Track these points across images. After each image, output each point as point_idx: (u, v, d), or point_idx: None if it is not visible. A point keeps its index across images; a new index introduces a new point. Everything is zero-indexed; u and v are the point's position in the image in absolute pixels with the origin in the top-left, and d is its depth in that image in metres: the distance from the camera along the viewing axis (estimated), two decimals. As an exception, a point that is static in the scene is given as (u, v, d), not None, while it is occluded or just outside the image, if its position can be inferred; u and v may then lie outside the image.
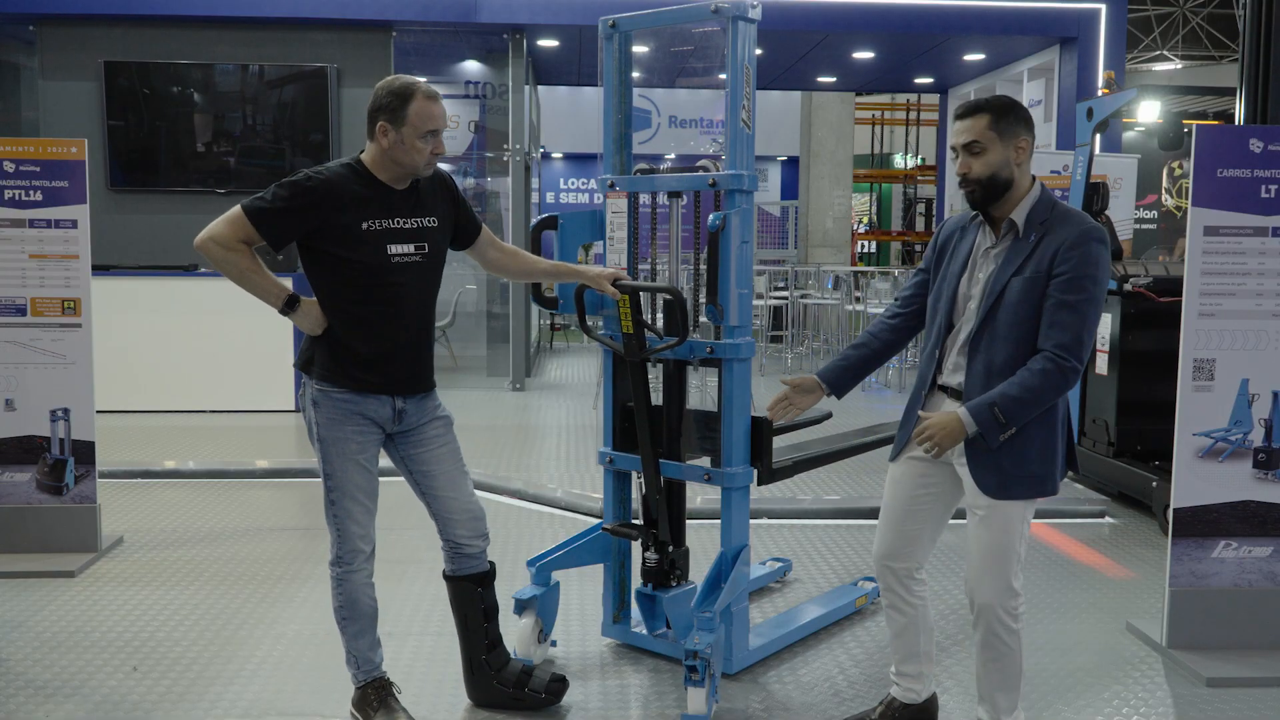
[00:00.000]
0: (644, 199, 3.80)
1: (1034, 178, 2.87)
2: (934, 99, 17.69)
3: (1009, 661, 2.90)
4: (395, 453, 3.21)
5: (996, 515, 2.83)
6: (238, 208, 2.96)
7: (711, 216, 3.43)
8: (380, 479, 3.18)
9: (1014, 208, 2.83)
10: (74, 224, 4.75)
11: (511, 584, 4.05)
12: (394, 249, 3.03)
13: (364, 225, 2.99)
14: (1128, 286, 5.72)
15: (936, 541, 3.12)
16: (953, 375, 2.91)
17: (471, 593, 3.30)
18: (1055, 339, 2.71)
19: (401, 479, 3.31)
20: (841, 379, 3.19)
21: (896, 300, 3.18)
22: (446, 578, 3.34)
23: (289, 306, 3.03)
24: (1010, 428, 2.74)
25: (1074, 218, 2.79)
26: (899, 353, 3.19)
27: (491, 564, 3.35)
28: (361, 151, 3.10)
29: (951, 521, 3.14)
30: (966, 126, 2.81)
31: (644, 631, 3.79)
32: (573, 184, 20.66)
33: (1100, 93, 8.11)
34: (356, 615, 3.16)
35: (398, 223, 3.05)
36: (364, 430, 3.08)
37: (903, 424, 3.06)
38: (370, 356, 3.03)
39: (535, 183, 12.74)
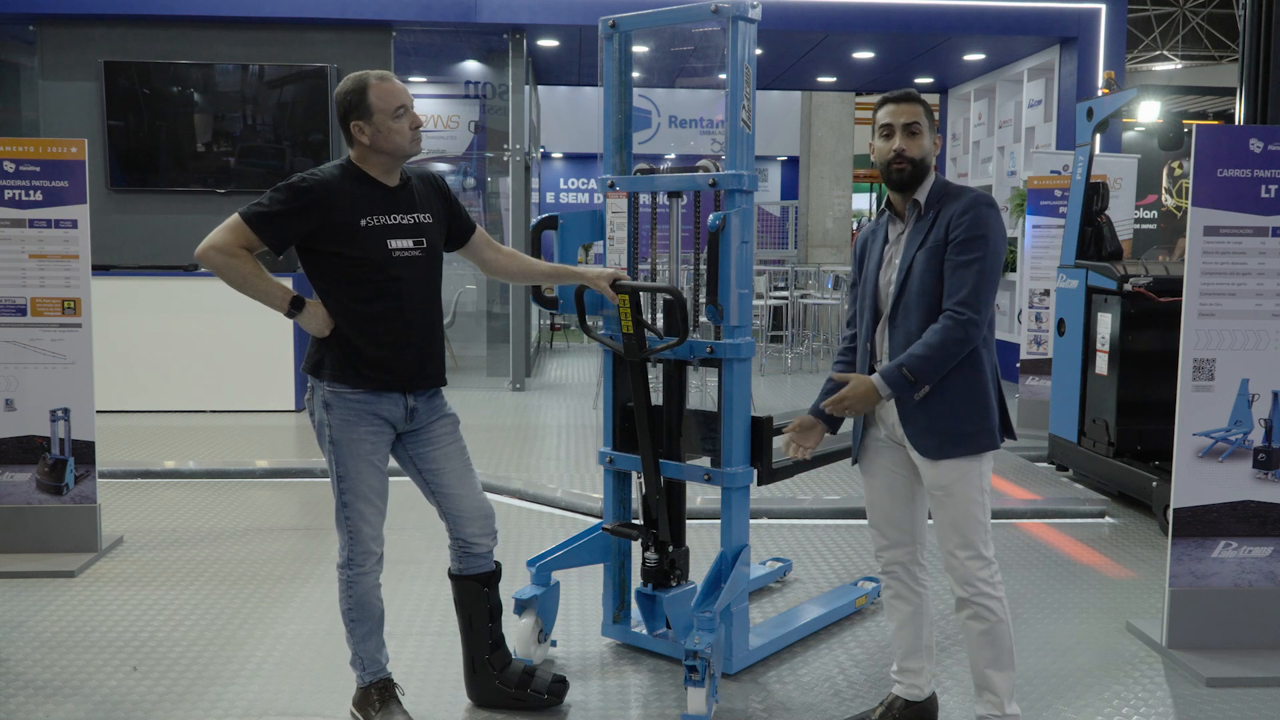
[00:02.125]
0: (644, 199, 3.80)
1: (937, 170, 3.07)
2: (934, 99, 17.68)
3: (999, 634, 2.95)
4: (403, 452, 3.21)
5: (954, 491, 2.93)
6: (236, 215, 2.96)
7: (711, 216, 3.43)
8: (380, 479, 3.17)
9: (920, 190, 3.00)
10: (74, 224, 4.75)
11: (512, 584, 4.05)
12: (394, 244, 3.03)
13: (362, 222, 2.99)
14: (1128, 286, 5.72)
15: (925, 523, 3.17)
16: (887, 359, 3.01)
17: (477, 592, 3.30)
18: (955, 297, 2.87)
19: (400, 479, 3.31)
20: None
21: (846, 324, 3.32)
22: (452, 576, 3.34)
23: (295, 308, 3.02)
24: (921, 385, 2.89)
25: (965, 191, 2.98)
26: None
27: (497, 564, 3.35)
28: (350, 153, 3.10)
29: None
30: (906, 110, 2.99)
31: (644, 631, 3.80)
32: (573, 184, 20.65)
33: (1100, 93, 8.11)
34: (365, 617, 3.16)
35: (395, 219, 3.05)
36: (378, 430, 3.08)
37: (854, 427, 3.19)
38: (379, 355, 3.03)
39: (535, 183, 12.73)
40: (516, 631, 3.63)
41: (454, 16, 9.32)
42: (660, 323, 3.69)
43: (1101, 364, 6.02)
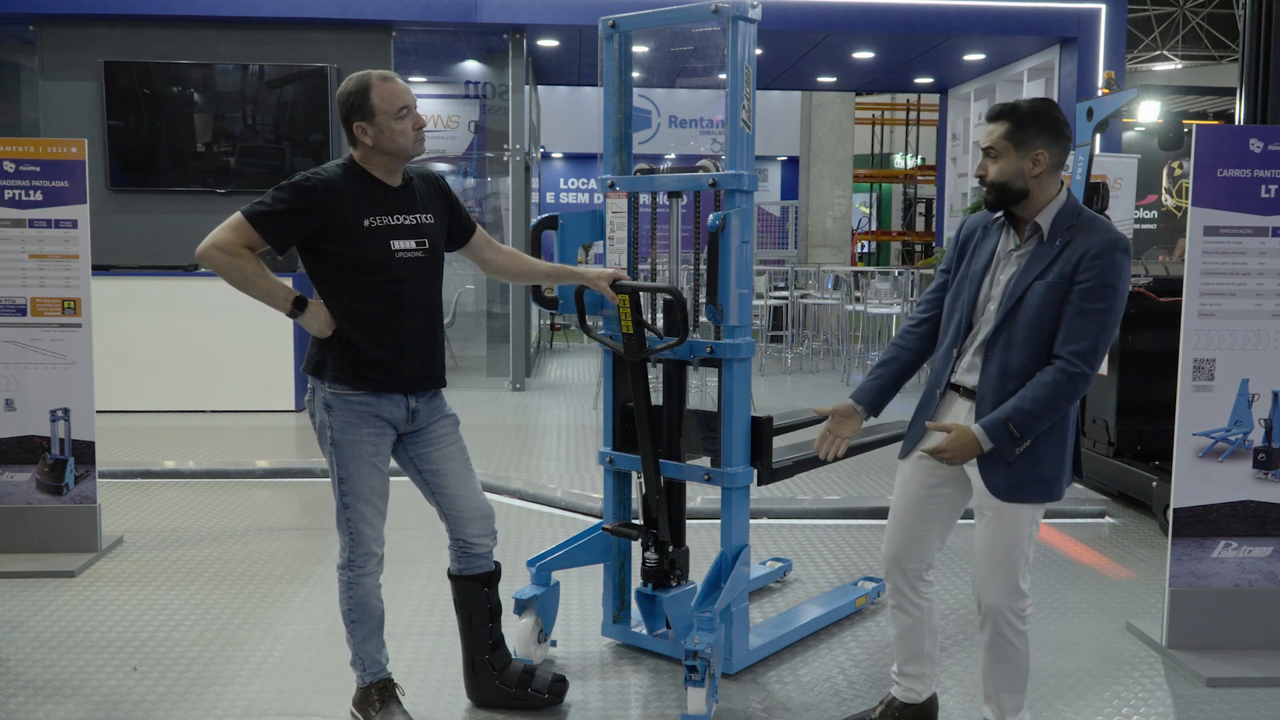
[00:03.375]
0: (644, 199, 3.80)
1: (1062, 184, 2.84)
2: (934, 99, 17.67)
3: (1016, 663, 2.89)
4: (403, 453, 3.20)
5: (1005, 517, 2.81)
6: (238, 214, 2.93)
7: (711, 216, 3.43)
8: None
9: (1038, 212, 2.81)
10: (74, 224, 4.75)
11: (511, 584, 4.05)
12: (396, 245, 3.03)
13: (365, 223, 2.99)
14: (1128, 286, 5.72)
15: (945, 542, 3.10)
16: (967, 375, 2.88)
17: (477, 593, 3.30)
18: (1071, 347, 2.70)
19: (399, 480, 3.30)
20: (877, 398, 3.12)
21: (919, 305, 3.14)
22: (452, 577, 3.33)
23: (297, 309, 3.01)
24: (1024, 441, 2.74)
25: (1100, 226, 2.77)
26: (929, 358, 3.16)
27: (497, 564, 3.35)
28: (353, 152, 3.09)
29: (959, 521, 3.14)
30: (988, 131, 2.82)
31: (644, 631, 3.79)
32: (573, 184, 20.66)
33: (1100, 93, 8.11)
34: (365, 618, 3.16)
35: (397, 219, 3.04)
36: (379, 431, 3.08)
37: (913, 422, 3.04)
38: (381, 356, 3.03)
39: (535, 183, 12.73)
40: (516, 631, 3.63)
41: (454, 16, 9.32)
42: (660, 323, 3.69)
43: (1101, 364, 6.01)
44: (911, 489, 3.03)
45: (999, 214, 2.90)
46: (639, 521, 3.77)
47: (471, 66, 11.29)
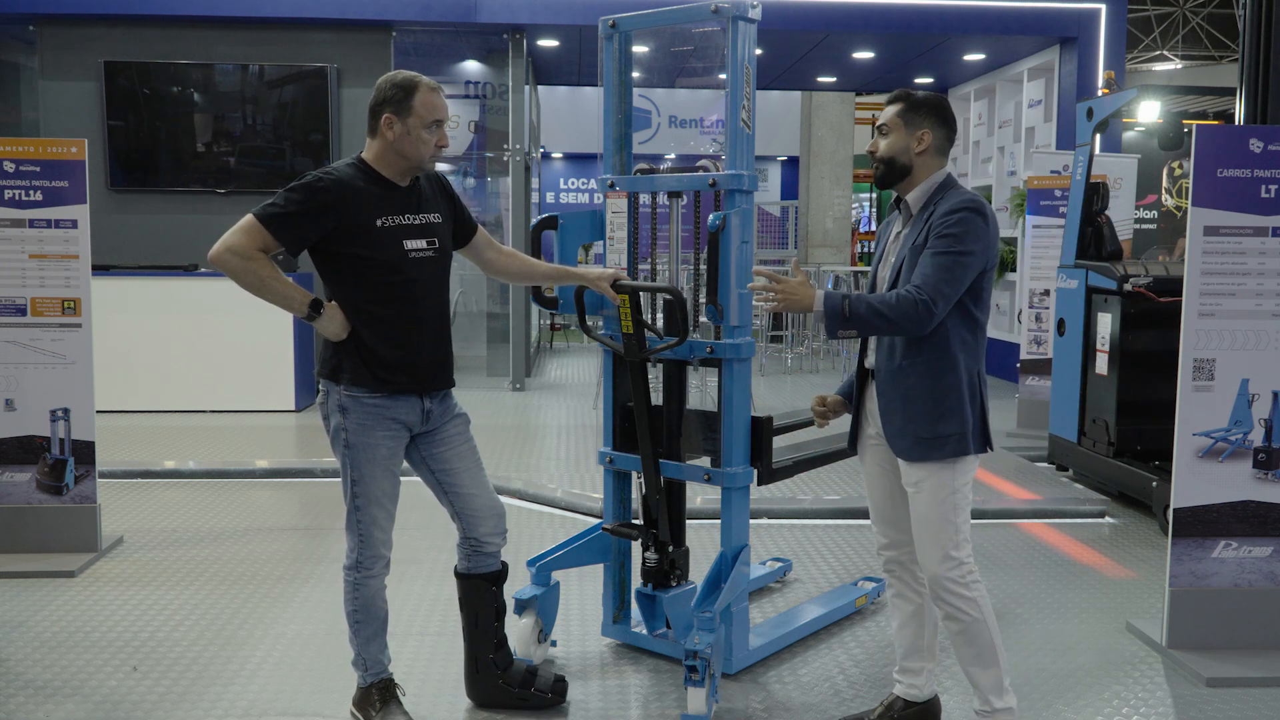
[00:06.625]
0: (644, 199, 3.80)
1: (947, 172, 3.00)
2: (934, 99, 17.66)
3: (976, 632, 2.94)
4: (415, 453, 3.20)
5: (924, 489, 2.94)
6: (250, 216, 2.91)
7: (711, 216, 3.43)
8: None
9: (912, 190, 2.98)
10: (74, 224, 4.75)
11: (511, 584, 4.04)
12: (409, 245, 3.03)
13: (378, 222, 2.98)
14: (1128, 286, 5.72)
15: None
16: (871, 356, 3.07)
17: (485, 591, 3.30)
18: (916, 279, 2.83)
19: (408, 480, 3.30)
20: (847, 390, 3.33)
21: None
22: (460, 575, 3.33)
23: (314, 311, 2.99)
24: (851, 327, 2.86)
25: (958, 195, 2.91)
26: None
27: (504, 563, 3.35)
28: (361, 151, 3.09)
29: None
30: (885, 111, 3.02)
31: (644, 631, 3.80)
32: (573, 184, 20.66)
33: (1100, 93, 8.11)
34: (370, 619, 3.16)
35: (408, 219, 3.05)
36: (395, 434, 3.08)
37: (852, 417, 3.21)
38: (395, 358, 3.03)
39: (535, 183, 12.73)
40: (517, 631, 3.63)
41: (454, 16, 9.33)
42: (660, 323, 3.69)
43: (1101, 364, 6.02)
44: (872, 479, 3.18)
45: (897, 206, 3.07)
46: (639, 521, 3.77)
47: (471, 66, 11.29)
